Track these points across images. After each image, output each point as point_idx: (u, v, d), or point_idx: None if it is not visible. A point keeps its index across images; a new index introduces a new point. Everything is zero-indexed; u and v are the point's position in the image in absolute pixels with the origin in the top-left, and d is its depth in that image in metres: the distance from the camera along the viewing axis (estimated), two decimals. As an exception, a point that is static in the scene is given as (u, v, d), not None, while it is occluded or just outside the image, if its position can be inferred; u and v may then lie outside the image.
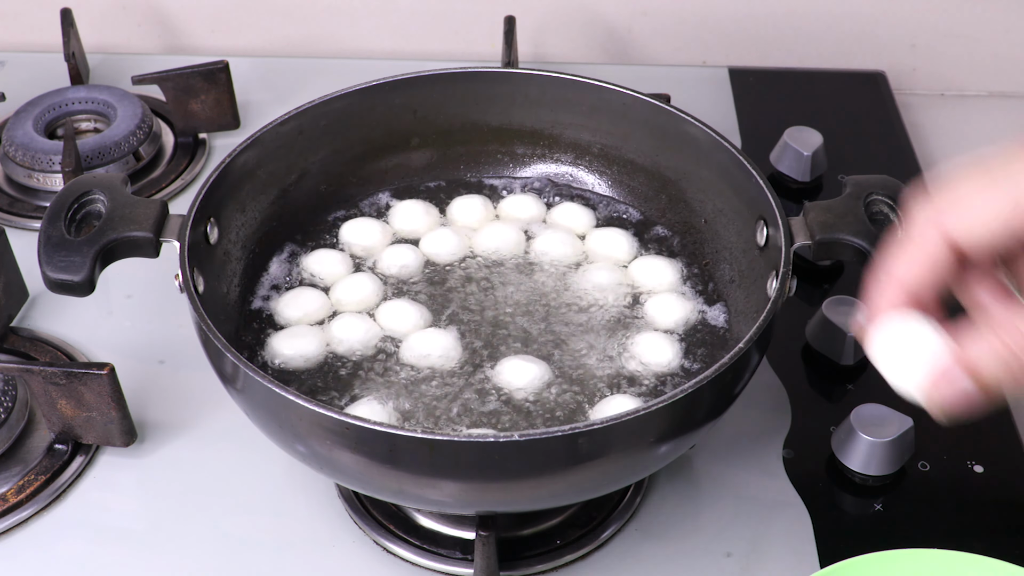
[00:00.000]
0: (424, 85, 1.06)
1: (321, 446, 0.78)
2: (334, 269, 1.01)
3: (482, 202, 1.07)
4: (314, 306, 0.97)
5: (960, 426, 1.02)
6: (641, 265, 1.01)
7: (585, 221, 1.06)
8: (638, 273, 1.00)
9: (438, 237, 1.03)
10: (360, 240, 1.03)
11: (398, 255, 1.02)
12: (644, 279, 1.00)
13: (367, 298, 0.98)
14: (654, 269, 1.00)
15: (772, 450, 1.00)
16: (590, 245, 1.03)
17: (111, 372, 0.94)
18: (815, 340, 1.08)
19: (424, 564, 0.91)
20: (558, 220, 1.06)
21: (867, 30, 1.50)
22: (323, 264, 1.01)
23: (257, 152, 0.98)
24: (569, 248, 1.02)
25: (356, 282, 0.99)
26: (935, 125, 1.44)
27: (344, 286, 0.99)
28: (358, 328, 0.95)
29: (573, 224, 1.05)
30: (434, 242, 1.03)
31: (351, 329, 0.95)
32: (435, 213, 1.07)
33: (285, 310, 0.97)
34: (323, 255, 1.02)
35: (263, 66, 1.49)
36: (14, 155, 1.27)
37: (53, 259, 0.85)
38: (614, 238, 1.03)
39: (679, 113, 1.01)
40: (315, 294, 0.98)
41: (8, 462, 0.98)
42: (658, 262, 1.01)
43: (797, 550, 0.92)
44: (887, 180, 0.89)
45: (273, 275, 1.01)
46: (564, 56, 1.54)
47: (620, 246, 1.03)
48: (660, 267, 1.00)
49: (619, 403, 0.88)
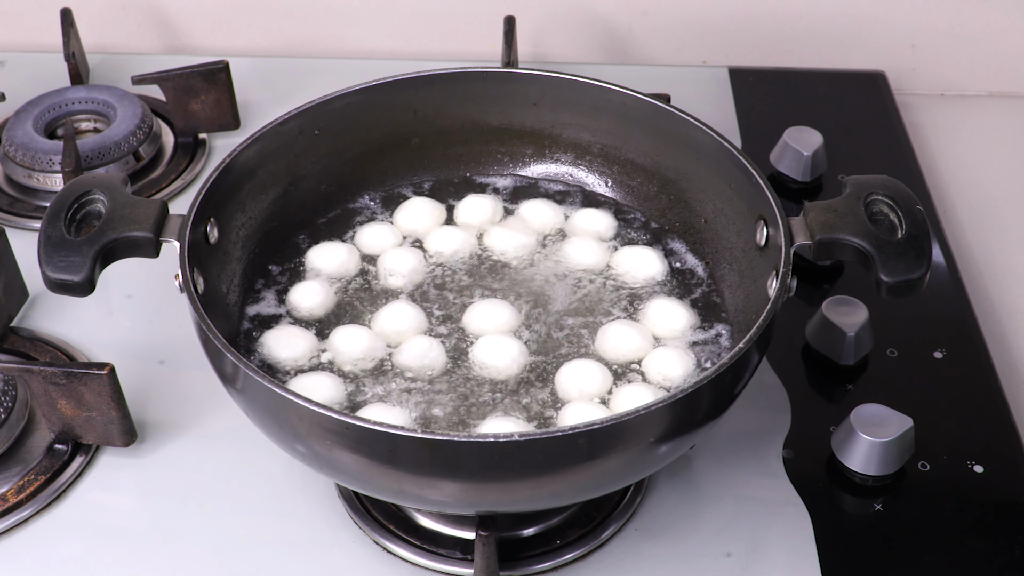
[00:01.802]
0: (424, 85, 1.06)
1: (321, 446, 0.78)
2: (338, 262, 1.01)
3: (491, 202, 1.07)
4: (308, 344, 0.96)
5: (960, 426, 1.03)
6: (658, 306, 0.98)
7: (604, 227, 1.06)
8: (654, 316, 0.97)
9: (444, 235, 1.04)
10: (370, 240, 1.04)
11: (404, 259, 1.02)
12: (659, 323, 0.97)
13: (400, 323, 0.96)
14: (669, 312, 0.97)
15: (772, 450, 1.00)
16: (617, 258, 1.03)
17: (111, 372, 0.94)
18: (815, 340, 1.08)
19: (424, 564, 0.91)
20: (579, 226, 1.06)
21: (867, 30, 1.50)
22: (326, 258, 1.02)
23: (257, 152, 0.98)
24: (592, 257, 1.02)
25: (395, 309, 0.97)
26: (935, 125, 1.44)
27: (385, 314, 0.97)
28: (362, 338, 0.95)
29: (593, 230, 1.05)
30: (441, 240, 1.03)
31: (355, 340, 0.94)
32: (442, 210, 1.07)
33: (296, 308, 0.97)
34: (328, 248, 1.02)
35: (263, 66, 1.49)
36: (14, 155, 1.27)
37: (53, 259, 0.85)
38: (641, 253, 1.02)
39: (679, 113, 1.01)
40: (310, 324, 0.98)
41: (8, 462, 0.98)
42: (672, 305, 0.98)
43: (797, 550, 0.92)
44: (887, 180, 0.89)
45: (273, 275, 1.01)
46: (564, 56, 1.54)
47: (649, 261, 1.01)
48: (674, 310, 0.97)
49: (632, 393, 0.89)
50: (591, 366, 0.91)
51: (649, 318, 0.96)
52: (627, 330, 0.94)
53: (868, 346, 1.07)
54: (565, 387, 0.90)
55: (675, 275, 1.01)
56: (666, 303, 0.97)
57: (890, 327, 1.09)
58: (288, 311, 0.98)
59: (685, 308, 0.97)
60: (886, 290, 0.84)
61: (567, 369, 0.91)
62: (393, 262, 1.01)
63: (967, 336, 1.11)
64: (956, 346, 1.09)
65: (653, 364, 0.92)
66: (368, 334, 0.94)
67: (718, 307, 0.98)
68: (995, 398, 1.04)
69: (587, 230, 1.05)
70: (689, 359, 0.92)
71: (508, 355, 0.92)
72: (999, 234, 1.28)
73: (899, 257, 0.84)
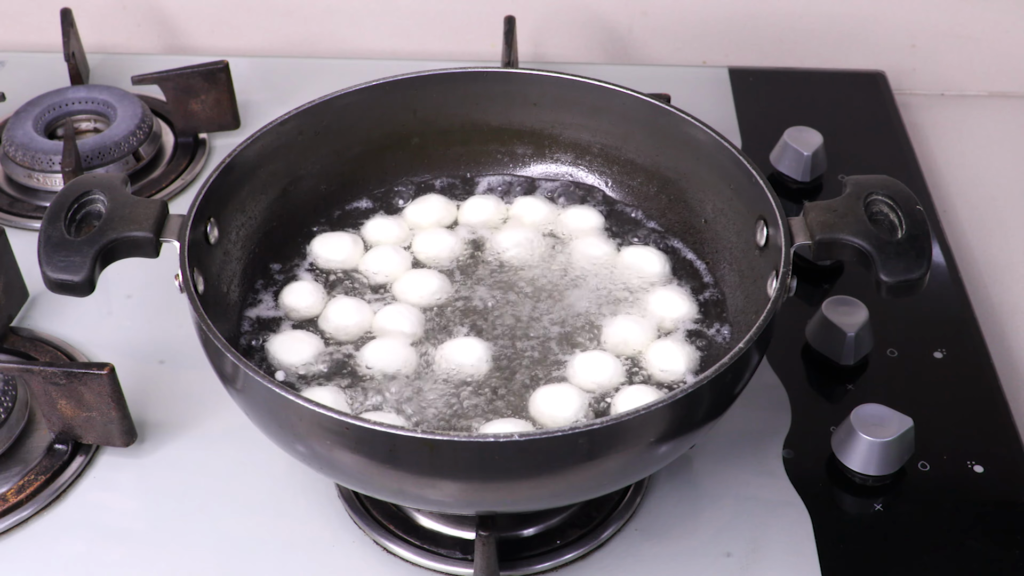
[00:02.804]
0: (424, 85, 1.06)
1: (321, 446, 0.78)
2: (342, 255, 1.02)
3: (494, 202, 1.07)
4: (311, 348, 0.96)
5: (960, 426, 1.03)
6: (661, 295, 0.99)
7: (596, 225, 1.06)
8: (656, 303, 0.98)
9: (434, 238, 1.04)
10: (376, 235, 1.05)
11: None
12: (662, 309, 0.98)
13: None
14: (670, 301, 0.98)
15: (772, 450, 1.00)
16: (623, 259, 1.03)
17: (111, 372, 0.94)
18: (815, 340, 1.08)
19: (424, 564, 0.91)
20: (568, 222, 1.06)
21: (867, 30, 1.50)
22: (329, 250, 1.02)
23: (257, 152, 0.98)
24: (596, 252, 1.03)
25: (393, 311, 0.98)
26: (935, 125, 1.44)
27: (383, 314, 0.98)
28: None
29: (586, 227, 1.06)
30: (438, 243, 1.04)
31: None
32: (452, 208, 1.07)
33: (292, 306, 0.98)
34: (331, 239, 1.03)
35: (263, 66, 1.49)
36: (14, 155, 1.27)
37: (53, 259, 0.85)
38: (646, 256, 1.02)
39: (679, 113, 1.01)
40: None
41: (8, 462, 0.98)
42: (672, 295, 0.99)
43: (797, 550, 0.92)
44: (887, 180, 0.89)
45: (273, 275, 1.01)
46: (564, 56, 1.54)
47: (651, 263, 1.02)
48: (674, 299, 0.98)
49: (635, 394, 0.89)
50: (603, 357, 0.92)
51: (650, 305, 0.97)
52: (629, 324, 0.95)
53: (868, 346, 1.07)
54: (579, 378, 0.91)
55: (675, 275, 1.01)
56: (665, 292, 0.98)
57: (890, 327, 1.09)
58: (285, 314, 0.98)
59: (684, 296, 0.98)
60: (886, 290, 0.84)
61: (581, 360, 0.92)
62: (377, 263, 1.02)
63: (967, 336, 1.11)
64: (956, 346, 1.09)
65: (654, 359, 0.92)
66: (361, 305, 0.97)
67: (718, 307, 0.98)
68: (995, 398, 1.04)
69: (583, 228, 1.05)
70: (691, 352, 0.93)
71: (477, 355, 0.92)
72: (999, 234, 1.28)
73: (899, 257, 0.84)
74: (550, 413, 0.88)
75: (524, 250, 1.03)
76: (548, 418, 0.88)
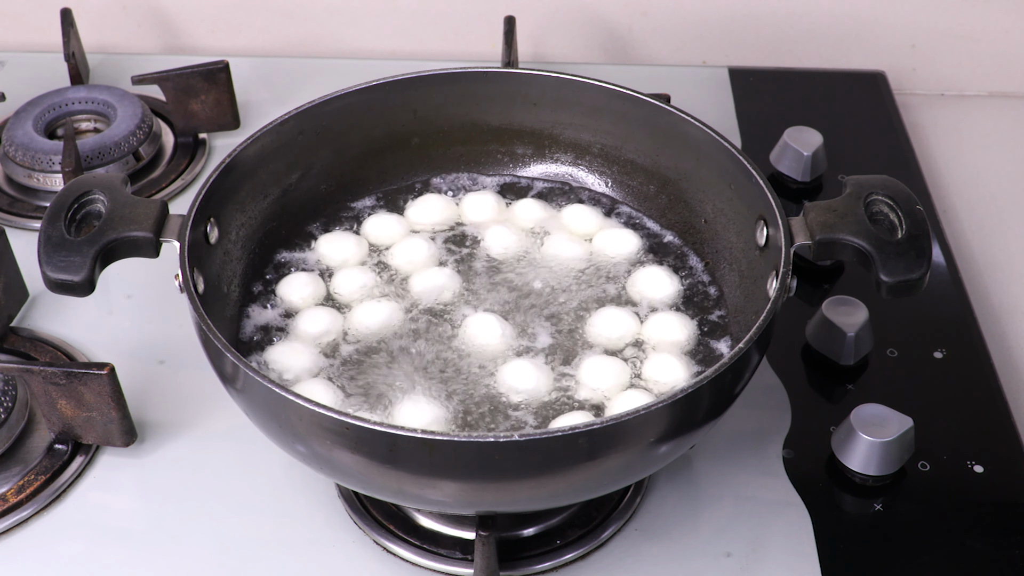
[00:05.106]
0: (424, 85, 1.06)
1: (321, 446, 0.78)
2: (344, 254, 1.02)
3: (495, 200, 1.07)
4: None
5: (960, 426, 1.03)
6: (644, 275, 1.00)
7: (593, 223, 1.06)
8: (642, 284, 1.00)
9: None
10: (377, 231, 1.05)
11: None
12: (646, 289, 0.99)
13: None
14: (656, 280, 0.99)
15: (772, 450, 1.00)
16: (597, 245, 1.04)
17: (111, 372, 0.94)
18: (815, 340, 1.08)
19: (424, 564, 0.91)
20: (566, 223, 1.06)
21: (867, 30, 1.50)
22: (333, 248, 1.02)
23: (257, 152, 0.98)
24: (577, 250, 1.03)
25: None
26: (935, 125, 1.44)
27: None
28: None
29: (580, 226, 1.06)
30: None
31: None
32: (452, 208, 1.07)
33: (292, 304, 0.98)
34: (335, 238, 1.03)
35: (263, 66, 1.49)
36: (14, 155, 1.27)
37: (53, 259, 0.85)
38: (622, 236, 1.04)
39: (679, 113, 1.01)
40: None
41: (8, 462, 0.98)
42: (659, 272, 1.00)
43: (797, 550, 0.92)
44: (887, 180, 0.89)
45: (273, 275, 1.01)
46: (564, 56, 1.54)
47: (626, 241, 1.03)
48: (661, 278, 1.00)
49: (632, 393, 0.89)
50: (619, 312, 0.96)
51: (637, 285, 0.99)
52: (619, 313, 0.96)
53: (868, 346, 1.07)
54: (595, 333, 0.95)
55: (675, 274, 1.01)
56: (653, 270, 1.00)
57: (890, 327, 1.09)
58: (285, 311, 0.98)
59: (668, 274, 1.00)
60: (886, 290, 0.84)
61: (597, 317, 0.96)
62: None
63: (967, 336, 1.11)
64: (956, 346, 1.09)
65: (651, 373, 0.92)
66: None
67: (718, 307, 0.98)
68: (995, 398, 1.04)
69: (577, 230, 1.05)
70: (688, 366, 0.93)
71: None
72: (999, 234, 1.28)
73: (899, 257, 0.84)
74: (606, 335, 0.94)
75: (512, 249, 1.03)
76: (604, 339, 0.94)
